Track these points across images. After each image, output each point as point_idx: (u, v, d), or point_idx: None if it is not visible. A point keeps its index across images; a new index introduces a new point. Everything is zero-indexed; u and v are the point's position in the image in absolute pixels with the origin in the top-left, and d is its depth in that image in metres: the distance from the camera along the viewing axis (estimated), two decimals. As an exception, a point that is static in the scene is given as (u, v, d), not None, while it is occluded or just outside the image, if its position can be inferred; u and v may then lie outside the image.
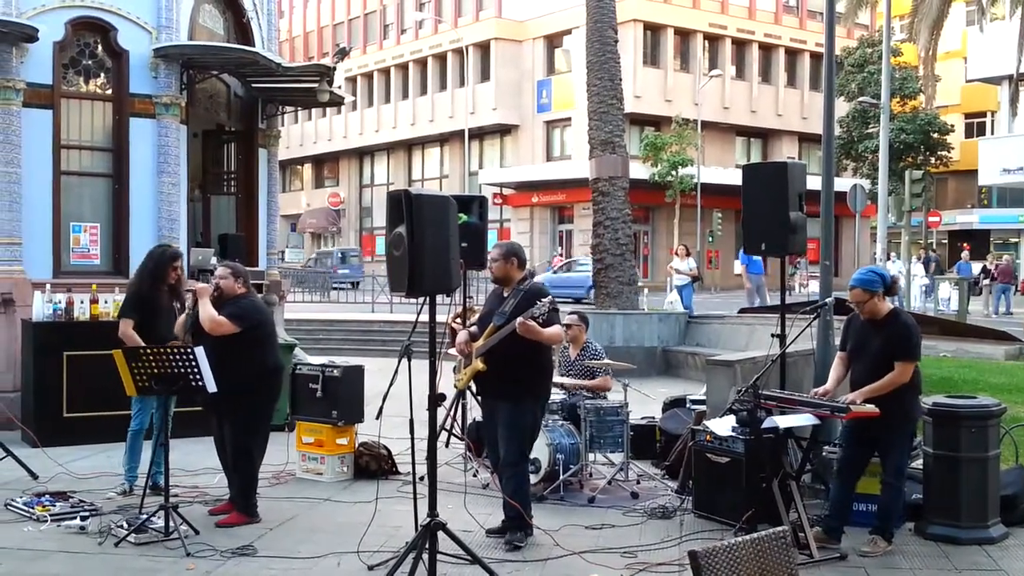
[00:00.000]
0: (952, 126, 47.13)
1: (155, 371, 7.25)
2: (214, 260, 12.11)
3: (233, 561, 6.67)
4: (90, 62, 11.95)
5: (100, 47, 12.00)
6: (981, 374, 14.69)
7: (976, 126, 53.31)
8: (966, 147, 48.91)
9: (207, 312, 7.46)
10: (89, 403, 10.16)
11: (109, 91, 12.06)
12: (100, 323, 10.43)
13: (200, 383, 7.14)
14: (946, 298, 28.71)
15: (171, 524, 7.04)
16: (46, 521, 7.43)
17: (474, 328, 7.48)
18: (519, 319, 6.82)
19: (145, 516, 7.20)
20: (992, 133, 48.60)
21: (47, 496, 7.92)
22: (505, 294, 7.27)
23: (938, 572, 6.63)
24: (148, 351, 7.35)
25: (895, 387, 6.84)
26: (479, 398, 7.80)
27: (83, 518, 7.39)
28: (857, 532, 7.18)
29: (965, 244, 44.65)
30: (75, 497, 7.98)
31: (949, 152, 46.11)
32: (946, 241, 52.18)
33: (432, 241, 6.10)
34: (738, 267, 26.69)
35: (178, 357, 7.18)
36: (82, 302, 10.61)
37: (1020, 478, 7.78)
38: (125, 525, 7.14)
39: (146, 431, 8.44)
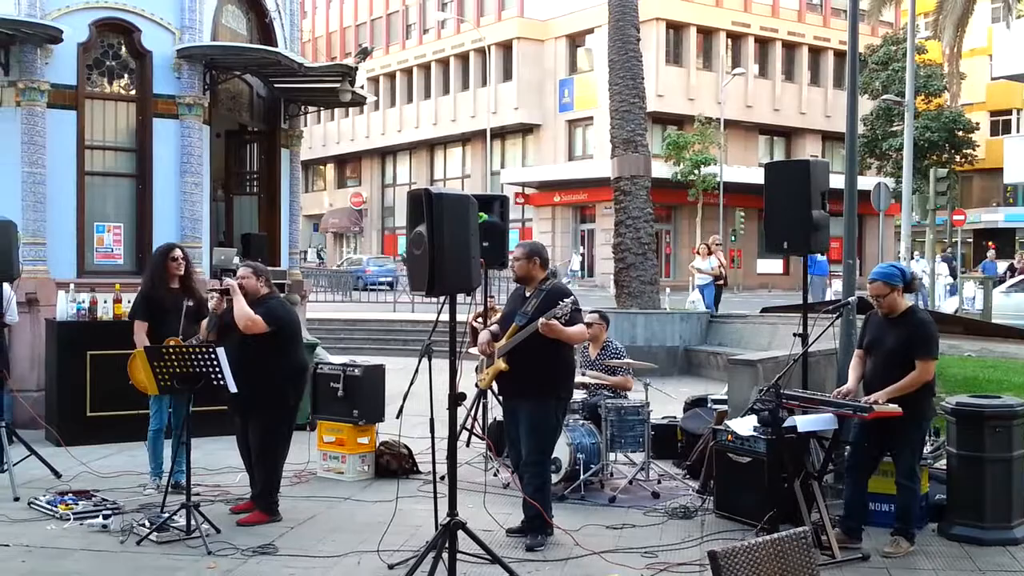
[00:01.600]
0: (977, 124, 46.76)
1: (177, 370, 7.29)
2: (236, 260, 12.18)
3: (254, 560, 6.69)
4: (114, 63, 12.02)
5: (124, 48, 12.07)
6: (1006, 374, 14.57)
7: (1002, 124, 52.90)
8: (991, 145, 48.55)
9: (243, 310, 7.45)
10: (112, 402, 10.21)
11: (133, 92, 12.13)
12: (123, 323, 10.42)
13: (222, 382, 7.17)
14: (971, 297, 28.48)
15: (192, 523, 7.08)
16: (69, 519, 7.48)
17: (495, 328, 7.47)
18: (541, 319, 6.81)
19: (167, 515, 7.23)
20: (1018, 131, 48.27)
21: (70, 495, 7.97)
22: (527, 294, 7.26)
23: (961, 573, 6.59)
24: (171, 351, 7.39)
25: (918, 386, 6.80)
26: (500, 398, 7.79)
27: (105, 517, 7.43)
28: (879, 533, 7.15)
29: (991, 243, 44.31)
30: (98, 496, 8.03)
31: (974, 150, 45.75)
32: (971, 240, 51.78)
33: (452, 240, 6.09)
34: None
35: (200, 356, 7.21)
36: (105, 302, 10.67)
37: (1045, 478, 7.72)
38: (147, 524, 7.18)
39: (166, 429, 8.49)
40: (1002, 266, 35.58)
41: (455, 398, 6.28)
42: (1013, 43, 34.00)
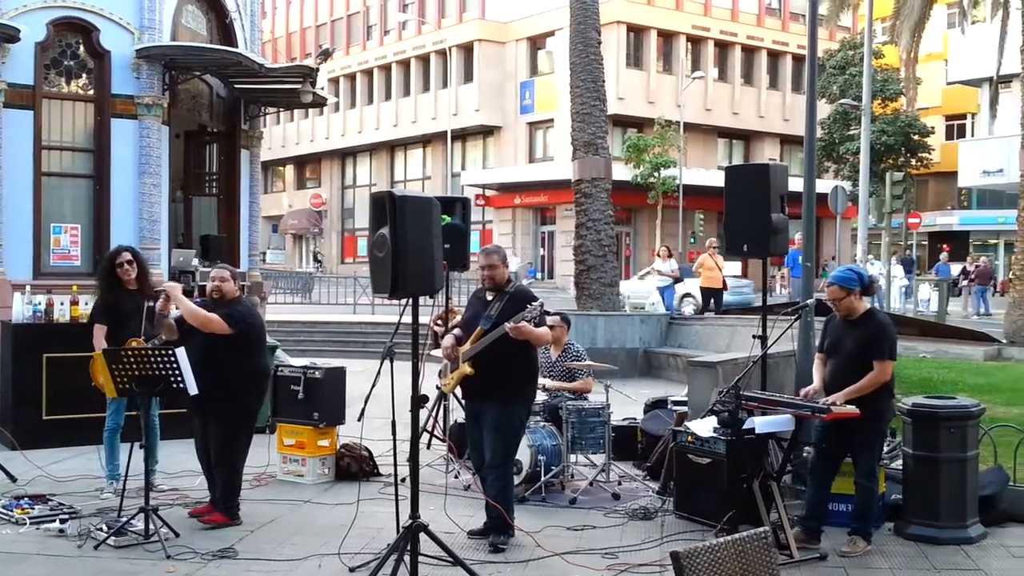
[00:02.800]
0: (932, 128, 47.34)
1: (136, 373, 7.22)
2: (195, 261, 12.10)
3: (214, 564, 6.64)
4: (72, 63, 11.92)
5: (82, 47, 11.98)
6: (960, 375, 14.79)
7: (956, 128, 53.56)
8: (946, 149, 49.17)
9: (189, 307, 7.43)
10: (69, 405, 10.09)
11: (91, 92, 12.04)
12: (80, 325, 10.32)
13: (181, 385, 7.12)
14: (926, 299, 28.85)
15: (151, 527, 7.02)
16: (25, 524, 7.39)
17: (458, 332, 7.47)
18: (510, 322, 6.83)
19: (125, 519, 7.17)
20: (972, 135, 48.87)
21: (26, 499, 7.87)
22: (489, 297, 7.26)
23: (917, 572, 6.67)
24: (129, 353, 7.32)
25: (876, 387, 6.89)
26: (463, 400, 7.79)
27: (62, 521, 7.36)
28: (836, 532, 7.21)
29: (945, 245, 44.87)
30: (54, 500, 7.94)
31: (930, 154, 46.33)
32: (926, 243, 52.41)
33: (415, 243, 6.10)
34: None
35: (159, 359, 7.15)
36: (62, 303, 10.53)
37: (999, 478, 7.84)
38: (105, 528, 7.11)
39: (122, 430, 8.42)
40: (955, 268, 36.06)
41: (418, 400, 6.26)
42: (968, 49, 34.52)
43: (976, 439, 7.53)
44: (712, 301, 20.66)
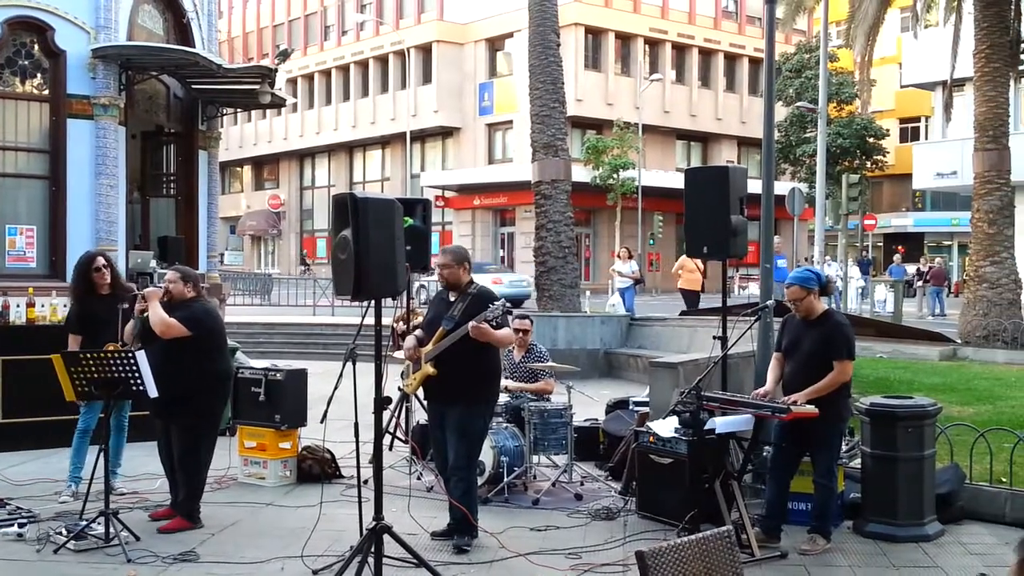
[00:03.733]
0: (887, 131, 47.93)
1: (95, 376, 7.15)
2: (153, 263, 12.00)
3: (175, 567, 6.60)
4: (26, 62, 11.79)
5: (37, 47, 11.85)
6: (916, 375, 14.96)
7: (911, 131, 54.26)
8: (901, 152, 49.76)
9: (158, 315, 7.37)
10: (26, 408, 9.98)
11: (46, 92, 11.92)
12: (37, 327, 10.25)
13: (141, 387, 7.06)
14: (882, 300, 29.19)
15: (111, 530, 6.95)
16: (-17, 529, 7.30)
17: (420, 332, 7.46)
18: (472, 322, 6.83)
19: (85, 523, 7.09)
20: (926, 138, 49.41)
21: (-17, 503, 7.78)
22: (452, 298, 7.26)
23: (876, 569, 6.75)
24: (88, 356, 7.24)
25: (836, 387, 6.97)
26: (425, 402, 7.78)
27: (21, 525, 7.26)
28: (796, 531, 7.29)
29: (900, 247, 45.41)
30: (12, 504, 7.84)
31: (884, 156, 46.92)
32: (881, 244, 53.05)
33: (378, 244, 6.09)
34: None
35: (119, 361, 7.09)
36: (18, 306, 10.41)
37: (955, 476, 7.94)
38: (64, 532, 7.04)
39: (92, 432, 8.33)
40: (910, 268, 36.49)
41: (381, 402, 6.25)
42: (921, 52, 34.89)
43: (933, 438, 7.63)
44: (690, 303, 20.77)
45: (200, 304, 7.69)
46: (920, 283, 33.15)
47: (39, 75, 11.84)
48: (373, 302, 6.30)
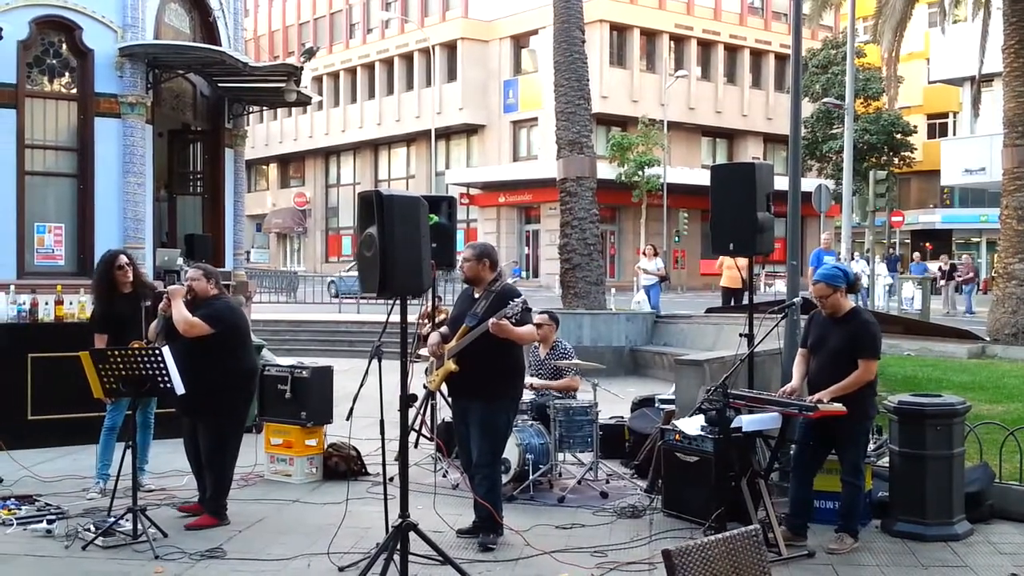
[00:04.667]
0: (915, 127, 47.58)
1: (122, 373, 7.20)
2: (180, 261, 12.05)
3: (202, 564, 6.63)
4: (55, 61, 11.85)
5: (65, 46, 11.90)
6: (945, 372, 14.85)
7: (938, 127, 53.85)
8: (928, 148, 49.42)
9: (181, 313, 7.41)
10: (54, 405, 10.06)
11: (74, 90, 11.96)
12: (65, 324, 10.33)
13: (168, 385, 7.10)
14: (910, 297, 28.99)
15: (139, 527, 7.00)
16: (12, 525, 7.35)
17: (445, 329, 7.47)
18: (492, 319, 6.83)
19: (113, 519, 7.14)
20: (954, 134, 49.12)
21: (12, 500, 7.84)
22: (476, 295, 7.26)
23: (904, 569, 6.70)
24: (116, 353, 7.29)
25: (861, 385, 6.92)
26: (449, 399, 7.79)
27: (49, 521, 7.32)
28: (823, 530, 7.25)
29: (928, 244, 45.11)
30: (41, 500, 7.91)
31: (912, 152, 46.57)
32: (909, 241, 52.65)
33: (403, 242, 6.09)
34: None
35: (146, 359, 7.13)
36: (47, 303, 10.49)
37: (984, 475, 7.88)
38: (92, 528, 7.09)
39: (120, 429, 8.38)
40: (932, 266, 36.18)
41: (407, 399, 6.25)
42: (949, 48, 34.70)
43: (962, 436, 7.57)
44: (732, 300, 20.73)
45: (223, 301, 7.72)
46: (943, 282, 32.89)
47: (67, 74, 11.90)
48: (399, 299, 6.31)
